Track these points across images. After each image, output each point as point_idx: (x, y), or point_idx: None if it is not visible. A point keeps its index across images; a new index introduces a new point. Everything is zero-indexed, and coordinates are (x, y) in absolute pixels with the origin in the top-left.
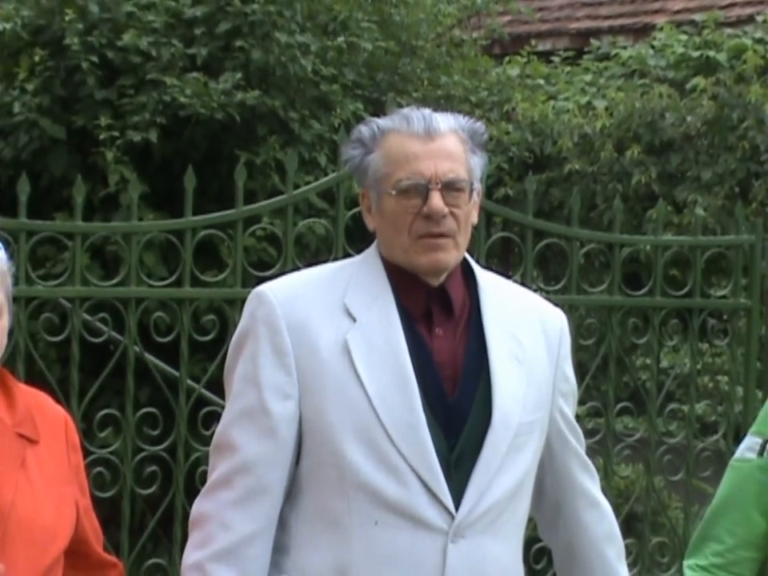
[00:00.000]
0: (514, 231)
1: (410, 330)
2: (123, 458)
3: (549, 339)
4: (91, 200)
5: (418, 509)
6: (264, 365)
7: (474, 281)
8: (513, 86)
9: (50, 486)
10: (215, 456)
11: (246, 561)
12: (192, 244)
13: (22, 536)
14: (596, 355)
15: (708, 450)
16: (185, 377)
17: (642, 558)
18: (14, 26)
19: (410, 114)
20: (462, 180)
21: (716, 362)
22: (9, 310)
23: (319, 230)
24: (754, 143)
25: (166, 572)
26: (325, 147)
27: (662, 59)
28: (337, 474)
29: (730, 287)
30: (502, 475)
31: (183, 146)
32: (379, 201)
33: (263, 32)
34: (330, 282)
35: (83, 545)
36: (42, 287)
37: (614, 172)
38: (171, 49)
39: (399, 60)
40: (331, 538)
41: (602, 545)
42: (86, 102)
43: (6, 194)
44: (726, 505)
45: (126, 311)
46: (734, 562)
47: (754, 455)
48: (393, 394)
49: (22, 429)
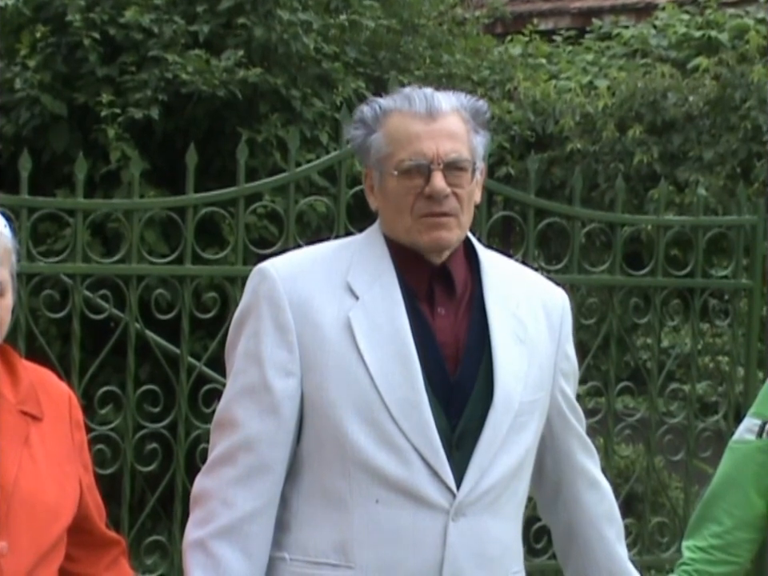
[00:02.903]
0: (516, 210)
1: (412, 308)
2: (124, 435)
3: (550, 318)
4: (92, 177)
5: (420, 487)
6: (266, 342)
7: (477, 260)
8: (515, 64)
9: (53, 464)
10: (216, 433)
11: (248, 538)
12: (193, 221)
13: (25, 514)
14: (597, 335)
15: (708, 430)
16: (186, 354)
17: (641, 538)
18: (16, 2)
19: (411, 94)
20: (464, 160)
21: (717, 342)
22: (13, 287)
23: (320, 208)
24: (756, 123)
25: (165, 549)
26: (326, 125)
27: (664, 39)
28: (338, 452)
29: (732, 267)
30: (503, 454)
31: (185, 123)
32: (382, 180)
33: (265, 9)
34: (332, 259)
35: (86, 521)
36: (43, 264)
37: (615, 151)
38: (173, 26)
39: (401, 38)
40: (332, 516)
41: (602, 525)
42: (88, 79)
43: (8, 171)
44: (725, 486)
45: (127, 288)
46: (732, 544)
47: (753, 437)
48: (395, 373)
49: (26, 406)
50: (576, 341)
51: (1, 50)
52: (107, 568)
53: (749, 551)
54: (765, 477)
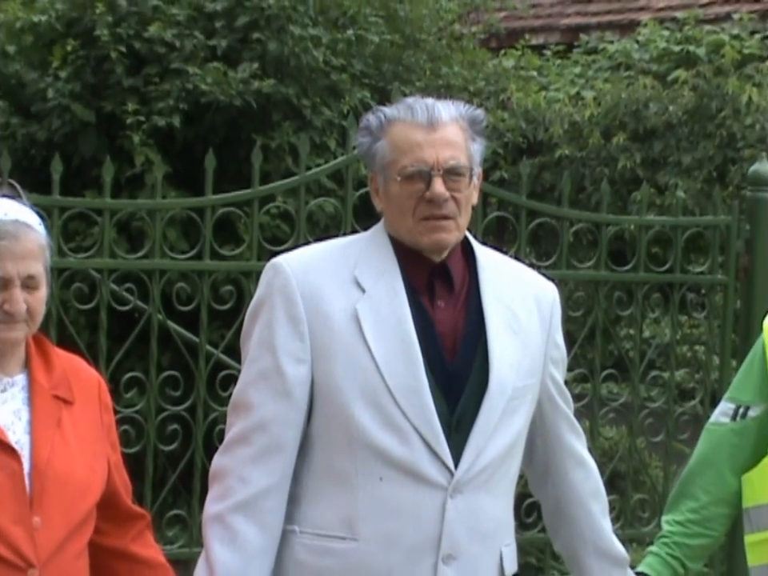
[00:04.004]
0: (509, 211)
1: (414, 301)
2: (147, 417)
3: (541, 311)
4: (119, 179)
5: (420, 466)
6: (279, 331)
7: (473, 257)
8: (508, 76)
9: (83, 444)
10: (233, 415)
11: (263, 512)
12: (211, 220)
13: (57, 491)
14: (584, 326)
15: (686, 414)
16: (204, 342)
17: (624, 513)
18: (49, 18)
19: (414, 105)
20: (462, 166)
21: (694, 333)
22: (47, 281)
23: (329, 209)
24: (731, 131)
25: (185, 522)
26: (334, 132)
27: (646, 53)
28: (345, 433)
29: (708, 264)
30: (497, 436)
31: (204, 130)
32: (386, 185)
33: (278, 25)
34: (340, 255)
35: (114, 497)
36: (73, 259)
37: (601, 157)
38: (193, 40)
39: (403, 52)
40: (339, 492)
41: (588, 501)
42: (115, 89)
43: (41, 173)
44: (702, 465)
45: (150, 282)
46: (708, 518)
47: (728, 419)
48: (398, 360)
49: (59, 391)
50: (564, 331)
51: (35, 62)
52: (133, 540)
53: (723, 525)
54: (738, 456)
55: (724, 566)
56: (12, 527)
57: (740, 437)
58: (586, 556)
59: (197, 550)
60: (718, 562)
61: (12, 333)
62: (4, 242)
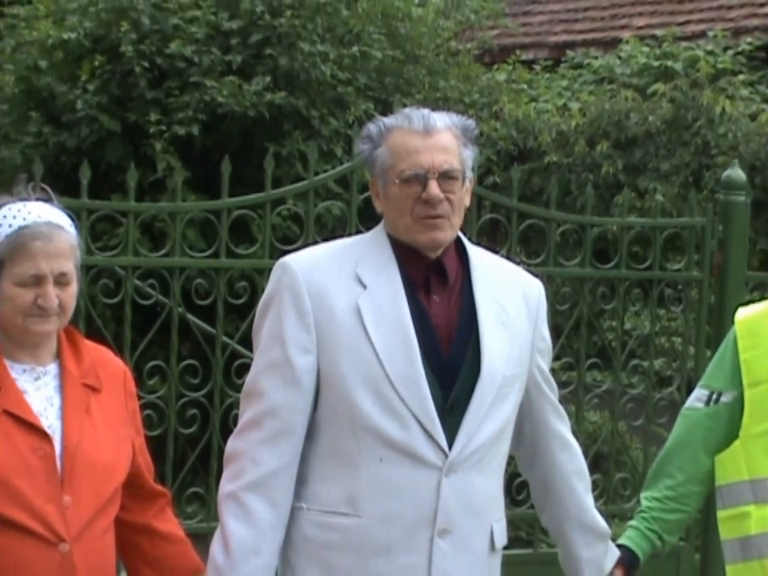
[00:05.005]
0: (501, 213)
1: (412, 296)
2: (168, 402)
3: (529, 305)
4: (142, 184)
5: (417, 448)
6: (288, 324)
7: (466, 255)
8: (500, 89)
9: (110, 429)
10: (246, 401)
11: (273, 491)
12: (227, 222)
13: (86, 472)
14: (570, 318)
15: (664, 400)
16: (220, 334)
17: (607, 491)
18: (78, 36)
19: (411, 114)
20: (455, 170)
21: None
22: (77, 278)
23: (335, 211)
24: (705, 140)
25: (203, 499)
26: (341, 140)
27: (627, 68)
28: (348, 418)
29: (684, 262)
30: (488, 421)
31: (220, 138)
32: (385, 188)
33: (289, 42)
34: (343, 254)
35: (138, 477)
36: (100, 257)
37: (586, 163)
38: (211, 56)
39: (404, 67)
40: (343, 472)
41: (573, 480)
42: (138, 101)
43: (70, 179)
44: (678, 447)
45: (171, 278)
46: (683, 495)
47: (702, 405)
48: (397, 351)
49: (88, 379)
50: (552, 323)
51: (65, 76)
52: (155, 516)
53: (697, 502)
54: (711, 439)
55: (699, 539)
56: (45, 505)
57: (713, 421)
58: (571, 530)
59: (214, 525)
60: (693, 536)
61: (45, 326)
62: (38, 242)
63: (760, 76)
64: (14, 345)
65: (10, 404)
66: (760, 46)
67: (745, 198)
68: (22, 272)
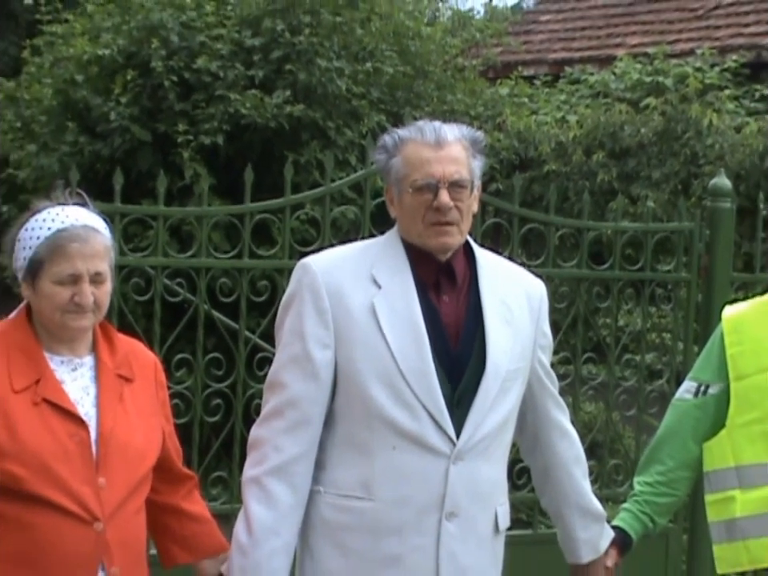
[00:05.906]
0: (503, 218)
1: (423, 296)
2: (194, 392)
3: (531, 304)
4: (171, 190)
5: (427, 437)
6: (308, 321)
7: (474, 258)
8: (503, 103)
9: (141, 416)
10: (268, 392)
11: (293, 476)
12: (250, 225)
13: (119, 456)
14: (567, 316)
15: (655, 392)
16: (243, 329)
17: (602, 476)
18: (111, 52)
19: (423, 126)
20: (464, 180)
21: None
22: (111, 277)
23: (350, 215)
24: (694, 150)
25: (226, 483)
26: (355, 150)
27: (621, 83)
28: (363, 409)
29: (674, 264)
30: (493, 412)
31: (243, 147)
32: (399, 195)
33: (307, 58)
34: (360, 256)
35: (167, 461)
36: (132, 258)
37: (582, 172)
38: (235, 71)
39: (414, 81)
40: (358, 459)
41: (571, 466)
42: (167, 113)
43: (104, 185)
44: (668, 435)
45: (198, 277)
46: (673, 480)
47: (691, 396)
48: (409, 347)
49: (121, 370)
50: (551, 320)
51: (99, 89)
52: (183, 497)
53: (686, 486)
54: (699, 428)
55: (687, 521)
56: (81, 487)
57: (701, 411)
58: (569, 512)
59: (237, 507)
60: (681, 519)
61: (82, 321)
62: (75, 243)
63: (744, 91)
64: (53, 339)
65: (49, 393)
66: (745, 63)
67: (730, 205)
68: (60, 271)
